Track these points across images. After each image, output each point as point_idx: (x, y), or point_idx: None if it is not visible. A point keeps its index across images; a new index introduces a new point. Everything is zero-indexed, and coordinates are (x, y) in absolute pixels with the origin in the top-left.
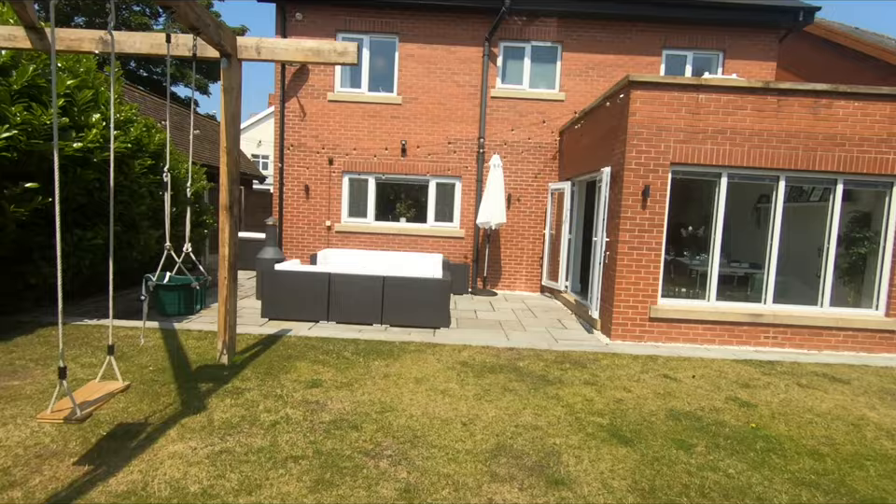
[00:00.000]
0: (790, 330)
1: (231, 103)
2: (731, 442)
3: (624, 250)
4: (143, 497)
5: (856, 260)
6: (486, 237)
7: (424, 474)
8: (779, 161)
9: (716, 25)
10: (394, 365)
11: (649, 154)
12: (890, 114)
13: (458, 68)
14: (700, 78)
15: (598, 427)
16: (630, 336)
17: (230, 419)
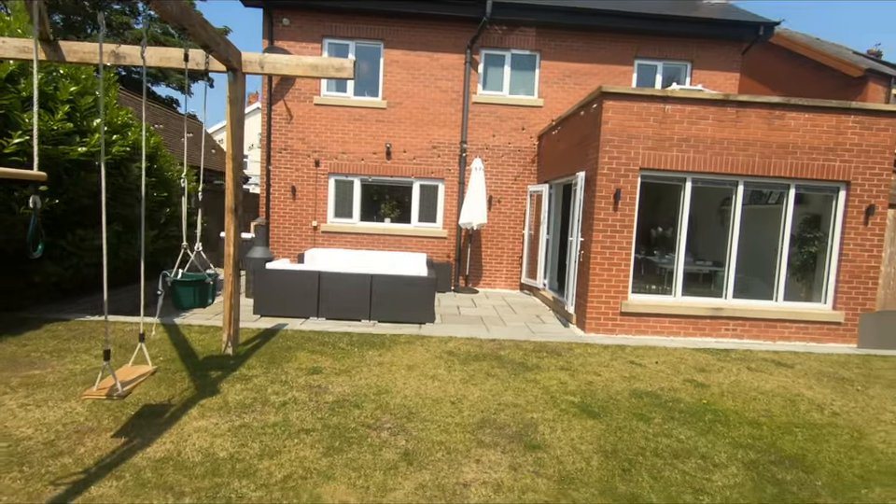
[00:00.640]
0: (748, 323)
1: (236, 112)
2: (684, 415)
3: (598, 249)
4: (179, 462)
5: (807, 259)
6: (468, 237)
7: (420, 442)
8: (738, 167)
9: (683, 38)
10: (386, 354)
11: (620, 160)
12: (836, 125)
13: (441, 74)
14: (666, 90)
15: (570, 404)
16: (603, 329)
17: (243, 400)
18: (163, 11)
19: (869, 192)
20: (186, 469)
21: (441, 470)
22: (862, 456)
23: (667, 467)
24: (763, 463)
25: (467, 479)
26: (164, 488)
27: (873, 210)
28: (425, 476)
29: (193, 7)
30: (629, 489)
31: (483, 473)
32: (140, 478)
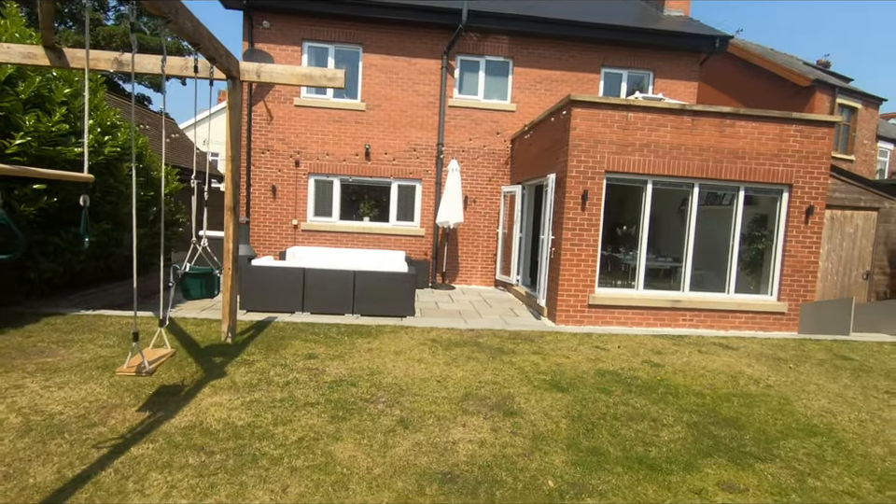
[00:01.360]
0: (703, 314)
1: (235, 118)
2: (640, 389)
3: (567, 247)
4: (203, 429)
5: (755, 255)
6: (445, 235)
7: (412, 411)
8: (694, 170)
9: (646, 48)
10: (374, 342)
11: (587, 163)
12: (780, 133)
13: (419, 78)
14: (629, 99)
15: (542, 381)
16: (572, 321)
17: (249, 381)
18: (180, 29)
19: (809, 194)
20: (210, 434)
21: (433, 432)
22: (785, 418)
23: (624, 427)
24: (704, 423)
25: (455, 438)
26: (195, 448)
27: (812, 211)
28: (419, 437)
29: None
30: (591, 444)
31: (468, 434)
32: (172, 441)
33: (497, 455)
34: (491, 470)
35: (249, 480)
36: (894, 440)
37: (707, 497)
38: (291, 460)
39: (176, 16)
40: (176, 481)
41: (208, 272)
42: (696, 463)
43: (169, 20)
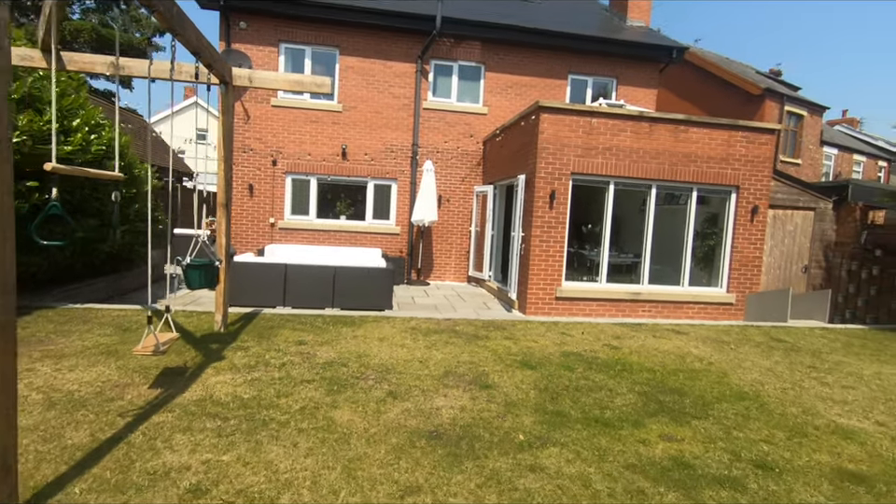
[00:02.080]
0: (660, 305)
1: (227, 121)
2: (600, 366)
3: (536, 243)
4: (214, 401)
5: (707, 251)
6: (420, 233)
7: (399, 385)
8: (651, 172)
9: (610, 57)
10: (358, 330)
11: (554, 165)
12: (728, 139)
13: (394, 81)
14: (592, 106)
15: (514, 361)
16: (541, 312)
17: (248, 363)
18: (186, 41)
19: (754, 195)
20: (221, 405)
21: (419, 401)
22: (721, 387)
23: (584, 396)
24: (652, 392)
25: (438, 405)
26: (210, 415)
27: (757, 210)
28: (407, 404)
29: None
30: (556, 408)
31: (450, 402)
32: (188, 411)
33: (475, 418)
34: (470, 429)
35: (263, 438)
36: (808, 402)
37: (649, 445)
38: (297, 423)
39: (184, 30)
40: (199, 440)
41: (209, 263)
42: (643, 421)
43: (177, 32)
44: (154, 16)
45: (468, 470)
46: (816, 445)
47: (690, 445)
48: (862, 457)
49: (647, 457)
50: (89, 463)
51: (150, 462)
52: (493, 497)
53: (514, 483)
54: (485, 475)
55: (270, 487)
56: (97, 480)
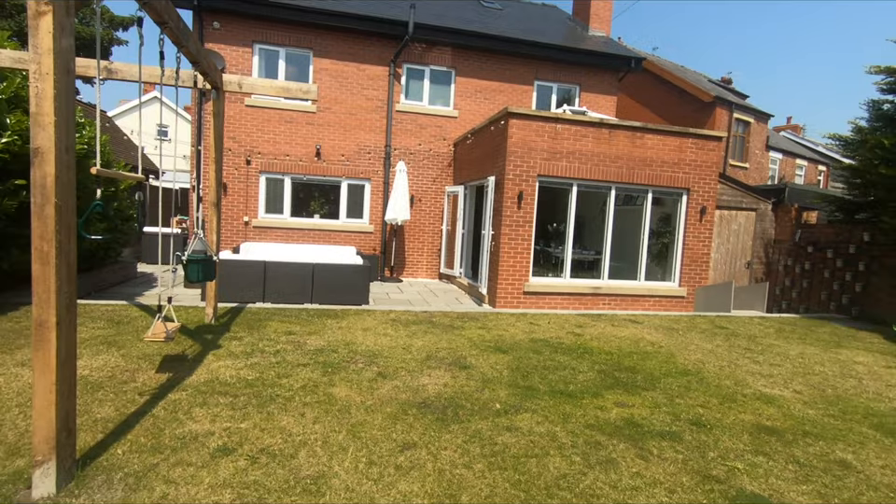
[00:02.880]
0: (619, 298)
1: (218, 125)
2: (564, 350)
3: (505, 241)
4: (221, 382)
5: (661, 248)
6: (393, 232)
7: (387, 367)
8: (611, 175)
9: (573, 65)
10: (342, 322)
11: (522, 168)
12: (679, 145)
13: (367, 84)
14: (557, 113)
15: (487, 346)
16: (510, 306)
17: (244, 350)
18: (188, 51)
19: (703, 197)
20: (228, 385)
21: (406, 379)
22: (668, 366)
23: (550, 374)
24: (609, 371)
25: (424, 383)
26: (221, 393)
27: (705, 211)
28: (396, 382)
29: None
30: (526, 384)
31: (433, 380)
32: (199, 390)
33: (457, 392)
34: (454, 400)
35: (273, 410)
36: (740, 376)
37: (605, 411)
38: (301, 398)
39: (188, 42)
40: (216, 412)
41: (208, 258)
42: (601, 393)
43: (182, 45)
44: (164, 30)
45: (454, 431)
46: (742, 408)
47: (639, 410)
48: (778, 417)
49: (603, 419)
50: (122, 431)
51: (177, 430)
52: (477, 450)
53: (494, 439)
54: (469, 434)
55: (287, 446)
56: (134, 444)
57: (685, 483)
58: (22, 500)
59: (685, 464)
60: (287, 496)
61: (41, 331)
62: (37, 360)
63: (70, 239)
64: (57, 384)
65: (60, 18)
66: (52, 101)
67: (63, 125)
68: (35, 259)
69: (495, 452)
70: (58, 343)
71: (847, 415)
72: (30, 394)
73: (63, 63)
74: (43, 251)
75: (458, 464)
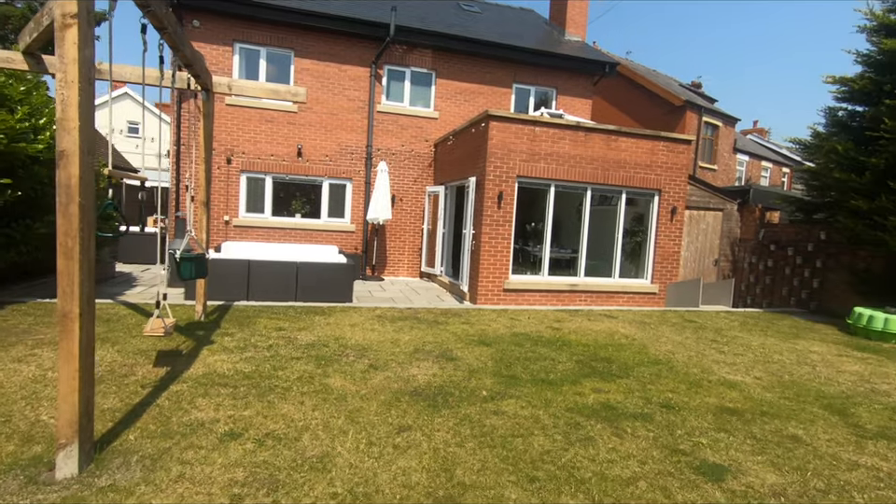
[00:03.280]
0: (595, 295)
1: (208, 125)
2: (544, 343)
3: (486, 240)
4: (219, 375)
5: (635, 246)
6: (374, 231)
7: (378, 360)
8: (587, 176)
9: (550, 69)
10: (330, 318)
11: (502, 169)
12: (652, 148)
13: (349, 84)
14: (536, 116)
15: (472, 340)
16: (490, 303)
17: (237, 345)
18: (182, 55)
19: (673, 198)
20: (226, 377)
21: (397, 370)
22: (641, 356)
23: (532, 364)
24: (587, 361)
25: (414, 373)
26: (221, 384)
27: (675, 211)
28: (388, 373)
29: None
30: (510, 373)
31: (423, 370)
32: (198, 382)
33: (445, 381)
34: (443, 388)
35: (273, 399)
36: (706, 365)
37: (583, 396)
38: (299, 388)
39: (184, 47)
40: (219, 402)
41: (201, 255)
42: (579, 380)
43: (179, 49)
44: (162, 35)
45: (445, 415)
46: (707, 393)
47: (614, 395)
48: (739, 400)
49: (582, 403)
50: (131, 420)
51: (184, 417)
52: (467, 431)
53: (482, 422)
54: (459, 417)
55: (291, 431)
56: (144, 431)
57: (655, 455)
58: (47, 481)
59: (655, 440)
60: (297, 472)
61: (65, 322)
62: (62, 349)
63: (91, 236)
64: (80, 371)
65: (84, 30)
66: (77, 107)
67: (86, 130)
68: (59, 255)
69: (484, 433)
70: (80, 334)
71: (801, 398)
72: (33, 388)
73: (85, 72)
74: (67, 247)
75: (451, 443)
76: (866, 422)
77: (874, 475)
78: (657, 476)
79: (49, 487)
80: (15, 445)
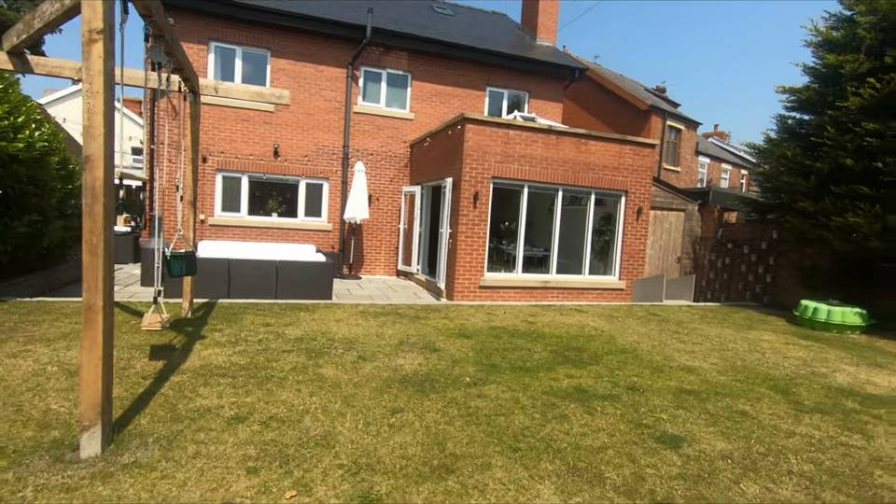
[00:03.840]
0: (566, 291)
1: (195, 127)
2: (520, 335)
3: (462, 238)
4: (215, 366)
5: (603, 245)
6: (351, 230)
7: (365, 352)
8: (558, 178)
9: (523, 73)
10: (315, 314)
11: (478, 170)
12: (619, 151)
13: (325, 85)
14: (510, 120)
15: (452, 333)
16: (467, 299)
17: (228, 340)
18: (176, 59)
19: (639, 198)
20: (223, 368)
21: (385, 361)
22: (609, 346)
23: (510, 354)
24: (560, 350)
25: (401, 363)
26: (220, 375)
27: (641, 211)
28: (376, 363)
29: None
30: (490, 362)
31: (409, 360)
32: (197, 373)
33: (431, 370)
34: (429, 376)
35: (272, 387)
36: (668, 353)
37: (558, 381)
38: (294, 377)
39: (178, 52)
40: (221, 390)
41: (191, 253)
42: (554, 367)
43: (173, 53)
44: (161, 42)
45: (433, 399)
46: (668, 377)
47: (585, 380)
48: (697, 382)
49: (556, 387)
50: (139, 407)
51: (190, 404)
52: (455, 412)
53: (468, 403)
54: (447, 400)
55: (292, 414)
56: (154, 416)
57: (622, 429)
58: (73, 460)
59: (622, 416)
60: (304, 448)
61: (90, 314)
62: (86, 339)
63: (111, 235)
64: (102, 359)
65: (107, 44)
66: (102, 116)
67: (109, 136)
68: (85, 252)
69: (469, 413)
70: (104, 324)
71: (750, 380)
72: (36, 381)
73: (109, 83)
74: (92, 244)
75: (441, 422)
76: (805, 399)
77: (807, 441)
78: (624, 445)
79: (76, 465)
80: (33, 431)
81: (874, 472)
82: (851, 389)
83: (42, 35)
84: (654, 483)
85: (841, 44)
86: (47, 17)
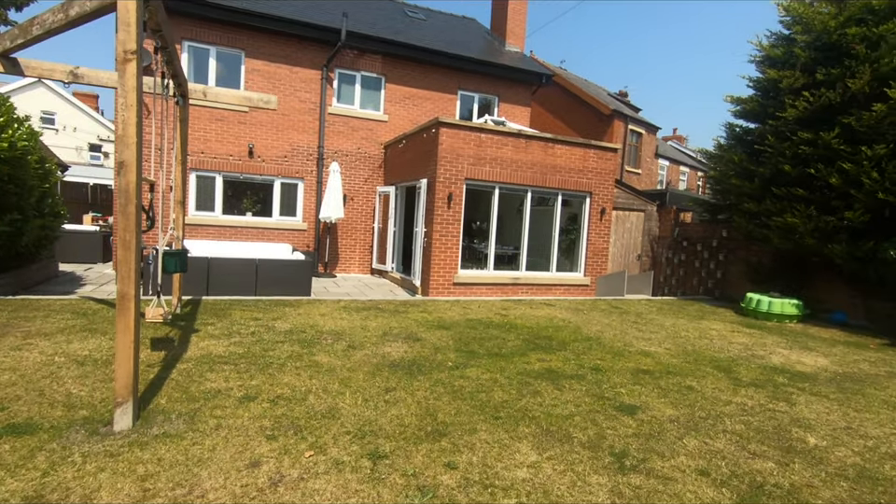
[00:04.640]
0: (535, 287)
1: (184, 130)
2: (495, 326)
3: (437, 237)
4: (215, 356)
5: (569, 244)
6: (327, 229)
7: (353, 342)
8: (527, 179)
9: (492, 77)
10: (299, 309)
11: (451, 171)
12: (583, 155)
13: (300, 86)
14: (481, 124)
15: (432, 325)
16: (441, 296)
17: (222, 332)
18: (172, 67)
19: (603, 199)
20: (223, 357)
21: (373, 349)
22: (576, 335)
23: (486, 342)
24: (531, 339)
25: (388, 351)
26: (221, 363)
27: (604, 211)
28: (366, 351)
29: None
30: (469, 349)
31: (395, 348)
32: (200, 361)
33: (415, 356)
34: (415, 361)
35: (273, 372)
36: (628, 340)
37: (530, 364)
38: (292, 364)
39: (175, 61)
40: (226, 375)
41: (182, 252)
42: (526, 353)
43: (171, 62)
44: (162, 52)
45: (421, 380)
46: (627, 360)
47: (555, 363)
48: (652, 364)
49: (529, 369)
50: (153, 391)
51: (200, 387)
52: (441, 390)
53: (452, 384)
54: (433, 381)
55: (296, 394)
56: (170, 398)
57: (587, 401)
58: (107, 433)
59: (587, 391)
60: (313, 420)
61: (123, 302)
62: (119, 324)
63: (140, 232)
64: (133, 342)
65: (139, 63)
66: (135, 126)
67: (139, 144)
68: (119, 247)
69: (454, 390)
70: (135, 311)
71: (698, 362)
72: (48, 369)
73: (140, 98)
74: (126, 240)
75: (430, 398)
76: (743, 376)
77: (741, 408)
78: (588, 413)
79: (111, 437)
80: (62, 411)
81: (792, 430)
82: (783, 368)
83: (39, 42)
84: (613, 441)
85: (781, 60)
86: (48, 25)
